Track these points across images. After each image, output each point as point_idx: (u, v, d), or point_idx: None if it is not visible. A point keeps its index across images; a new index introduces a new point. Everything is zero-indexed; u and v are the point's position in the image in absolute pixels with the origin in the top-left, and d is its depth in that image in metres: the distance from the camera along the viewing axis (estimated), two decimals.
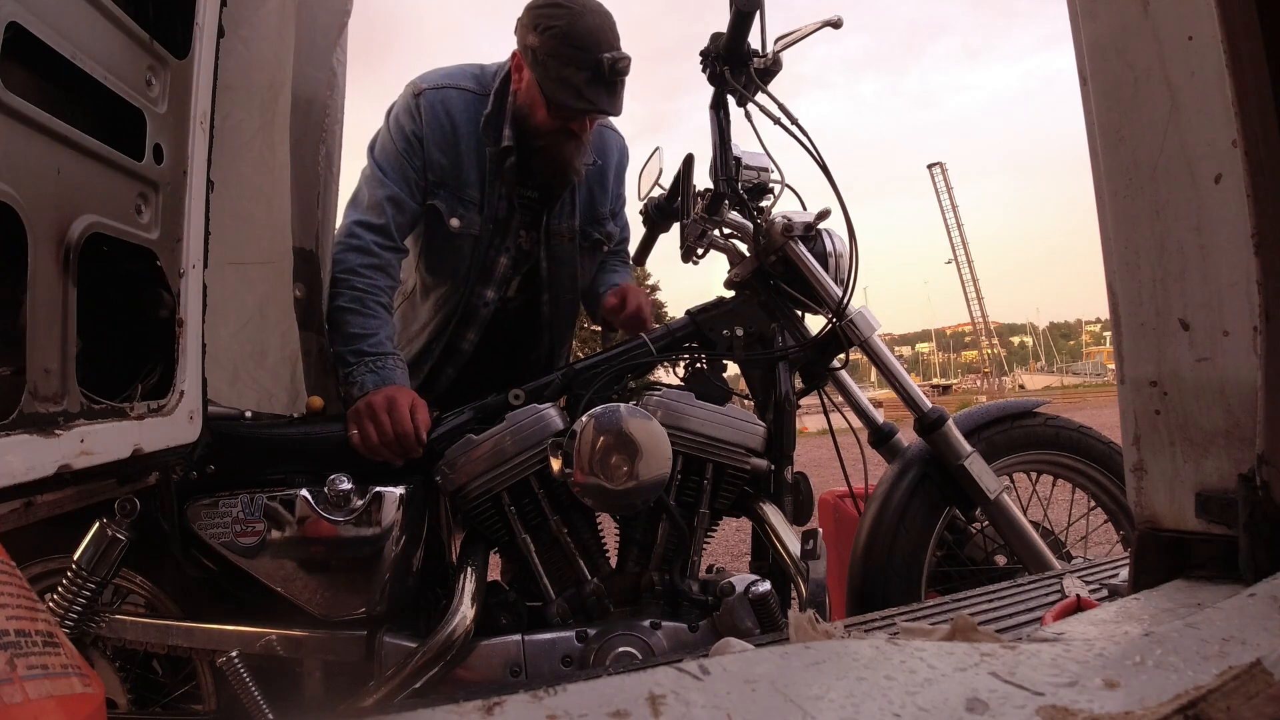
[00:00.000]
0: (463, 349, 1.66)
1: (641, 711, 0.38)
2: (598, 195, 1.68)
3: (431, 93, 1.51)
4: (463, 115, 1.51)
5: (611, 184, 1.72)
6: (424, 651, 1.05)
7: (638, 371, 1.37)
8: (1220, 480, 0.63)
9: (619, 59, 1.40)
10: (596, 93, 1.41)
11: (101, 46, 0.80)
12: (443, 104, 1.50)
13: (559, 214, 1.62)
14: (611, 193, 1.72)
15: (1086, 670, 0.42)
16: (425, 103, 1.49)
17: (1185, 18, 0.61)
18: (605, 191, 1.70)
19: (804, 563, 1.11)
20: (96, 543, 1.00)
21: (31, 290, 0.72)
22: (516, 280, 1.66)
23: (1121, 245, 0.69)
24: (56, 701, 0.44)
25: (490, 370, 1.70)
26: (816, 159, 1.30)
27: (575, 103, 1.41)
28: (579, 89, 1.40)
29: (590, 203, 1.67)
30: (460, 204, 1.52)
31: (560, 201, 1.61)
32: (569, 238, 1.64)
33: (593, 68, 1.39)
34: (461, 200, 1.52)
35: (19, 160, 0.69)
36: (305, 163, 1.35)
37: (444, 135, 1.50)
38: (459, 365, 1.68)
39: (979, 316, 61.96)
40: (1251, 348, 0.59)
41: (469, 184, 1.52)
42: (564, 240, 1.63)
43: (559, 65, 1.40)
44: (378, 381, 1.31)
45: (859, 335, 1.35)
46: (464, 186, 1.52)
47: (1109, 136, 0.69)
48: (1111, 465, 1.45)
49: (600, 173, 1.67)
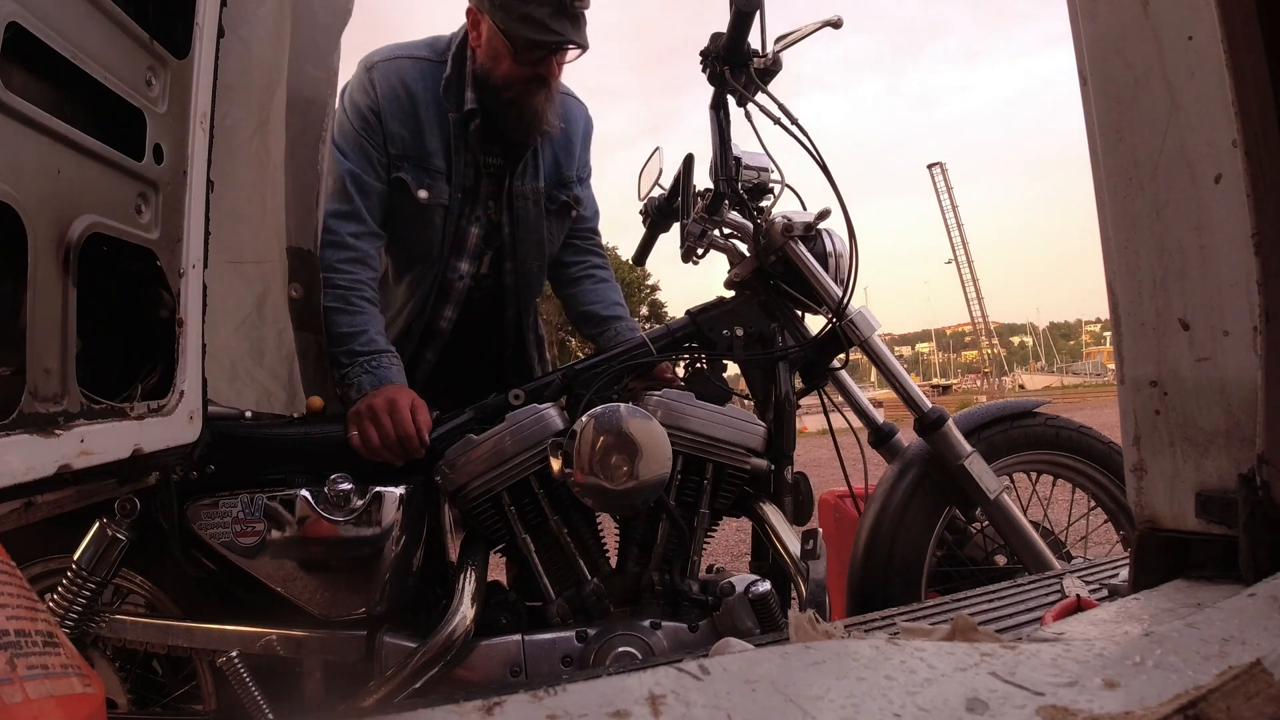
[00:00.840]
0: (441, 328, 1.60)
1: (641, 711, 0.38)
2: (563, 159, 1.62)
3: (384, 65, 1.47)
4: (419, 84, 1.46)
5: (578, 149, 1.66)
6: (424, 651, 1.05)
7: (638, 371, 1.37)
8: (1220, 480, 0.63)
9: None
10: (562, 24, 1.37)
11: (101, 46, 0.80)
12: (397, 74, 1.45)
13: (522, 175, 1.56)
14: (578, 159, 1.66)
15: (1086, 670, 0.42)
16: (379, 75, 1.45)
17: (1185, 18, 0.61)
18: (571, 156, 1.64)
19: (804, 563, 1.11)
20: (96, 543, 1.00)
21: (31, 290, 0.72)
22: (489, 255, 1.61)
23: (1121, 245, 0.69)
24: (56, 701, 0.44)
25: (468, 353, 1.66)
26: (816, 159, 1.30)
27: (543, 36, 1.37)
28: (544, 23, 1.36)
29: (555, 165, 1.61)
30: (426, 174, 1.47)
31: (523, 163, 1.55)
32: (534, 200, 1.58)
33: (554, 1, 1.35)
34: (427, 170, 1.47)
35: (19, 160, 0.69)
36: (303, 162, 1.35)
37: (401, 106, 1.45)
38: (439, 348, 1.63)
39: (979, 316, 61.97)
40: (1251, 348, 0.59)
41: (433, 153, 1.47)
42: (528, 203, 1.57)
43: (519, 3, 1.35)
44: (374, 382, 1.30)
45: (859, 335, 1.35)
46: (428, 156, 1.47)
47: (1109, 136, 0.69)
48: (1111, 465, 1.45)
49: (565, 137, 1.61)
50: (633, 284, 23.69)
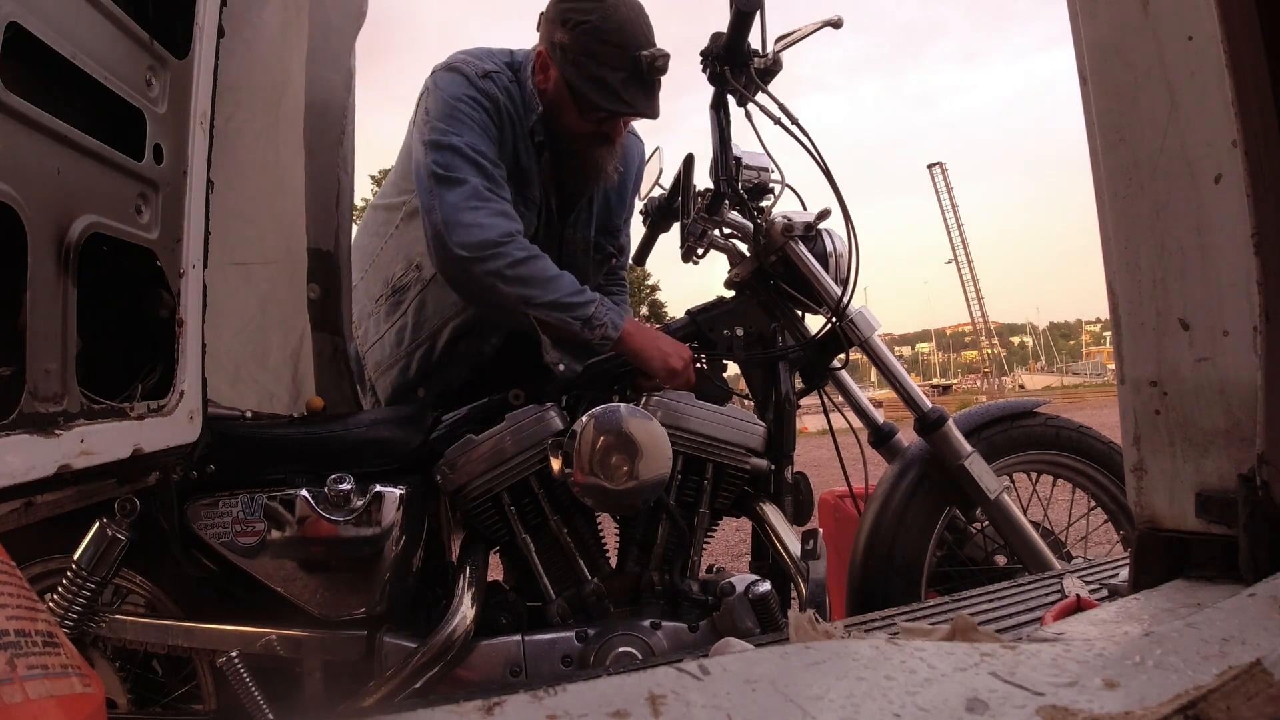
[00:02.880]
0: (484, 351, 1.52)
1: (641, 711, 0.38)
2: (614, 205, 1.59)
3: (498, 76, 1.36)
4: (515, 108, 1.36)
5: (630, 193, 1.62)
6: (424, 651, 1.05)
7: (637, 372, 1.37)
8: (1220, 480, 0.63)
9: (658, 56, 1.29)
10: (634, 94, 1.31)
11: (101, 46, 0.80)
12: (506, 92, 1.35)
13: (574, 223, 1.51)
14: (629, 203, 1.63)
15: (1086, 670, 0.42)
16: (495, 88, 1.34)
17: (1185, 18, 0.61)
18: (623, 202, 1.60)
19: (804, 563, 1.11)
20: (96, 543, 1.00)
21: (31, 290, 0.72)
22: None
23: (1121, 245, 0.69)
24: (56, 701, 0.44)
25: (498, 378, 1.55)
26: (816, 159, 1.30)
27: (613, 105, 1.31)
28: (615, 90, 1.30)
29: (607, 213, 1.58)
30: (522, 201, 1.38)
31: (577, 210, 1.51)
32: (583, 249, 1.54)
33: (629, 66, 1.28)
34: (525, 199, 1.39)
35: (19, 160, 0.69)
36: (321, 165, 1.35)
37: (508, 126, 1.35)
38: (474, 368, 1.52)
39: (979, 316, 61.98)
40: (1251, 348, 0.59)
41: (531, 183, 1.39)
42: (578, 251, 1.53)
43: (592, 64, 1.29)
44: (621, 316, 1.28)
45: (859, 335, 1.36)
46: (526, 185, 1.39)
47: (1109, 136, 0.69)
48: (1111, 465, 1.45)
49: (621, 181, 1.57)
50: (633, 284, 23.73)
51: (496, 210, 1.27)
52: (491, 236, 1.24)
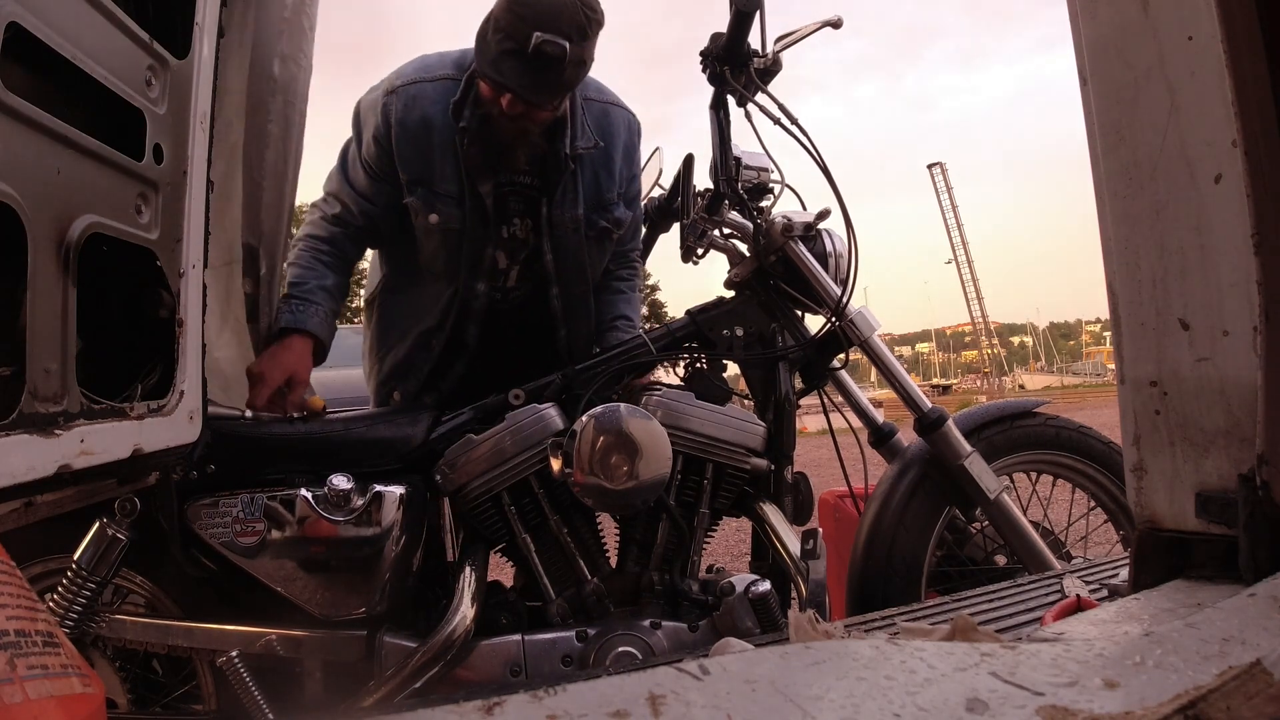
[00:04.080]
0: (467, 343, 1.57)
1: (641, 711, 0.38)
2: (603, 179, 1.54)
3: (403, 90, 1.44)
4: (436, 107, 1.42)
5: (620, 165, 1.56)
6: (424, 651, 1.05)
7: (638, 371, 1.37)
8: (1220, 480, 0.63)
9: (547, 41, 1.23)
10: (511, 68, 1.28)
11: (101, 46, 0.80)
12: (414, 100, 1.43)
13: (560, 202, 1.49)
14: (620, 175, 1.57)
15: (1086, 670, 0.42)
16: (396, 101, 1.43)
17: (1185, 18, 0.61)
18: (611, 176, 1.55)
19: (804, 563, 1.11)
20: (96, 543, 1.00)
21: (31, 290, 0.72)
22: (515, 269, 1.57)
23: (1121, 245, 0.69)
24: (56, 701, 0.44)
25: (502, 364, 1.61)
26: (816, 159, 1.30)
27: (487, 71, 1.31)
28: (496, 60, 1.29)
29: (595, 188, 1.54)
30: (437, 199, 1.44)
31: (561, 189, 1.49)
32: (573, 228, 1.51)
33: (521, 42, 1.25)
34: (438, 195, 1.44)
35: (19, 160, 0.69)
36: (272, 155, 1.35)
37: (412, 132, 1.42)
38: (467, 359, 1.59)
39: (979, 316, 61.98)
40: (1251, 348, 0.59)
41: (446, 178, 1.44)
42: (568, 230, 1.51)
43: (497, 35, 1.28)
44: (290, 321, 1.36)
45: (859, 335, 1.35)
46: (440, 180, 1.44)
47: (1109, 136, 0.69)
48: (1111, 465, 1.45)
49: (605, 155, 1.53)
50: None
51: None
52: None
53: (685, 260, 1.55)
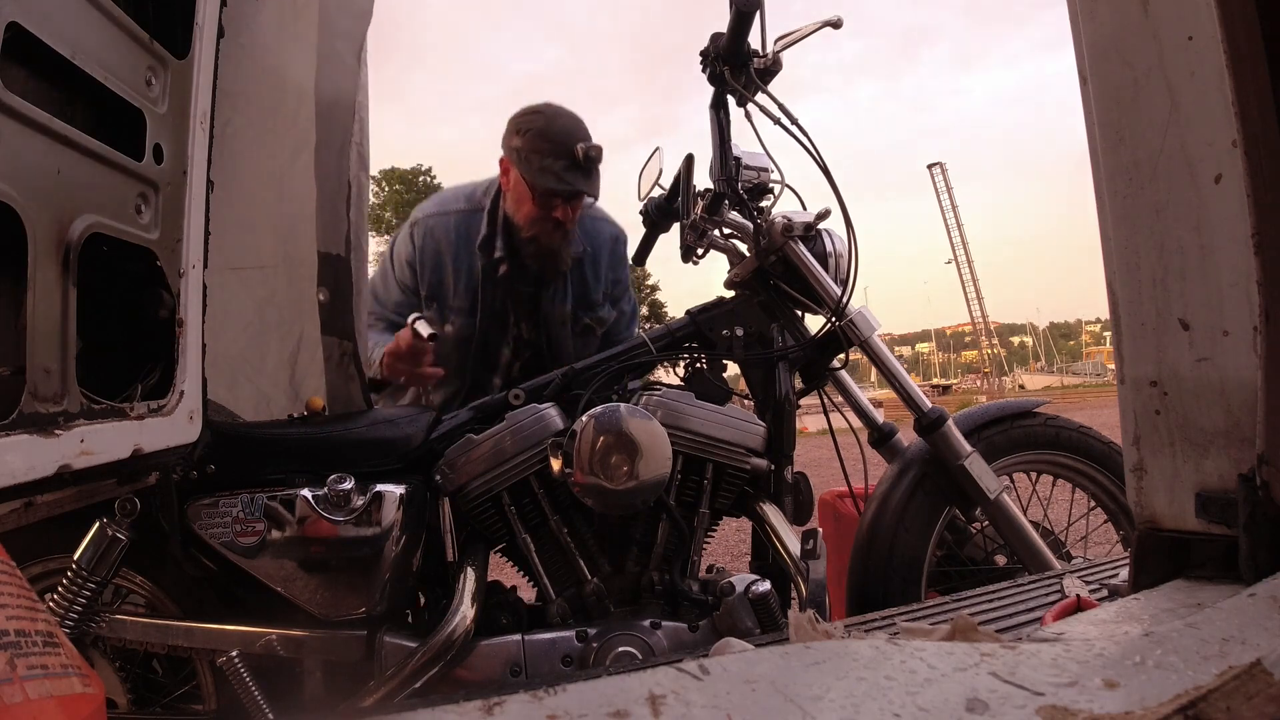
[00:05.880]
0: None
1: (641, 711, 0.38)
2: (590, 281, 1.85)
3: (425, 221, 1.83)
4: (453, 236, 1.80)
5: (605, 270, 1.88)
6: (424, 651, 1.05)
7: (638, 371, 1.37)
8: (1220, 480, 0.63)
9: (591, 147, 1.63)
10: (574, 176, 1.64)
11: (101, 46, 0.80)
12: (435, 232, 1.81)
13: (551, 298, 1.82)
14: (605, 279, 1.88)
15: (1086, 670, 0.42)
16: (419, 232, 1.82)
17: (1185, 18, 0.61)
18: (598, 279, 1.86)
19: (804, 563, 1.11)
20: (96, 543, 1.00)
21: (31, 290, 0.72)
22: (518, 365, 1.87)
23: (1121, 245, 0.69)
24: (56, 701, 0.44)
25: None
26: (816, 159, 1.30)
27: (557, 185, 1.64)
28: (558, 174, 1.63)
29: (582, 287, 1.85)
30: (451, 312, 1.79)
31: (553, 288, 1.81)
32: (561, 321, 1.83)
33: (569, 156, 1.62)
34: (451, 309, 1.79)
35: (19, 160, 0.69)
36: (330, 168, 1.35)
37: (435, 259, 1.79)
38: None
39: (979, 316, 61.97)
40: (1251, 348, 0.59)
41: (459, 294, 1.79)
42: (556, 323, 1.83)
43: (540, 157, 1.63)
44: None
45: (859, 335, 1.35)
46: (453, 296, 1.79)
47: (1109, 136, 0.69)
48: (1111, 465, 1.45)
49: (592, 259, 1.85)
50: (633, 284, 23.91)
51: None
52: None
53: (685, 260, 1.55)
